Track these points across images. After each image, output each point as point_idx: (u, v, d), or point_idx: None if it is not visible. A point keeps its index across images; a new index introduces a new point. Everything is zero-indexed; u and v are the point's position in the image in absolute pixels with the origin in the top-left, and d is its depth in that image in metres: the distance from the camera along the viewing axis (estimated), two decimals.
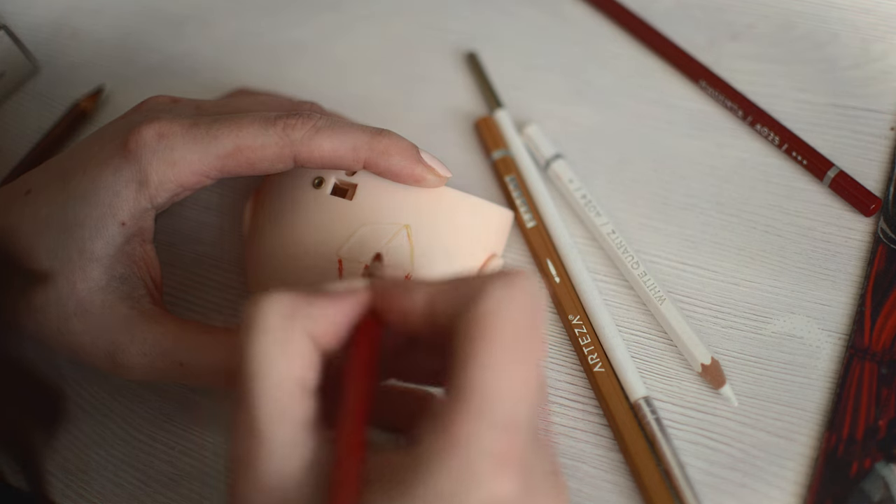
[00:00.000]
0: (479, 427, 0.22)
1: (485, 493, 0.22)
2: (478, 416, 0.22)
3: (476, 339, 0.23)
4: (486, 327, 0.23)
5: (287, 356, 0.24)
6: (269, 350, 0.23)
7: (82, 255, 0.30)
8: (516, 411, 0.23)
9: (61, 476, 0.35)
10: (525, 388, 0.23)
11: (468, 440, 0.22)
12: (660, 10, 0.45)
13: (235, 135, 0.31)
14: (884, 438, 0.32)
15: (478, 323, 0.23)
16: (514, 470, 0.22)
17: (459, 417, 0.22)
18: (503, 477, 0.22)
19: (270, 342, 0.23)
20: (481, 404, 0.22)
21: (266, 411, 0.23)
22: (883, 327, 0.34)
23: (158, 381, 0.32)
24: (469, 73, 0.44)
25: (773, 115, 0.40)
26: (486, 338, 0.23)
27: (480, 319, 0.23)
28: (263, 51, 0.47)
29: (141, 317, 0.31)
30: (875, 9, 0.44)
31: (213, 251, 0.40)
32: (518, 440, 0.23)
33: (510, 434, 0.22)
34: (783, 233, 0.37)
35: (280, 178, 0.35)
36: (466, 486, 0.22)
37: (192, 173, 0.31)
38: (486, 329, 0.23)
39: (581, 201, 0.39)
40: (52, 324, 0.31)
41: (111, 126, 0.33)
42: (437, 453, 0.22)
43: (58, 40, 0.48)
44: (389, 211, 0.33)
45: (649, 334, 0.36)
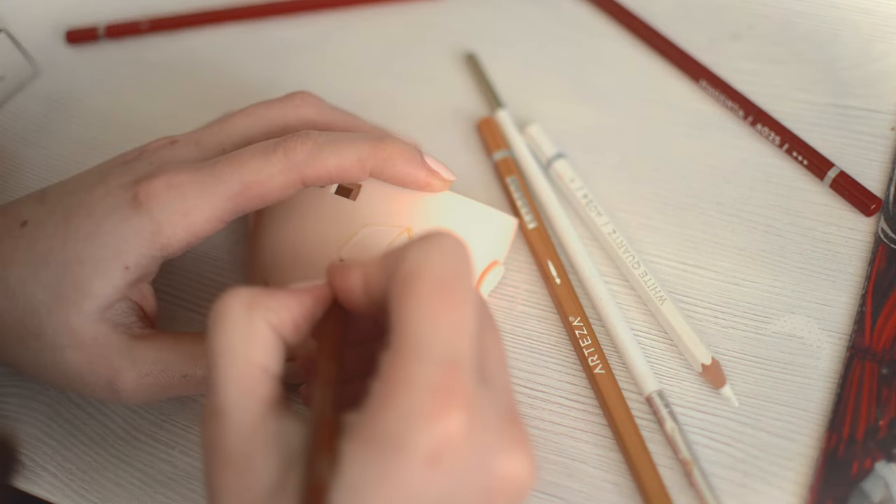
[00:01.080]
0: (416, 367, 0.23)
1: (432, 430, 0.23)
2: (413, 357, 0.23)
3: (402, 298, 0.24)
4: (410, 283, 0.24)
5: (248, 342, 0.25)
6: (231, 337, 0.25)
7: (77, 290, 0.30)
8: (452, 349, 0.24)
9: (61, 476, 0.35)
10: (458, 329, 0.24)
11: (408, 380, 0.23)
12: (660, 10, 0.45)
13: (239, 172, 0.30)
14: (884, 438, 0.32)
15: (402, 283, 0.25)
16: (459, 406, 0.23)
17: (397, 363, 0.24)
18: (448, 412, 0.23)
19: (232, 329, 0.25)
20: (415, 347, 0.24)
21: (230, 393, 0.25)
22: (883, 327, 0.34)
23: (161, 398, 0.32)
24: (469, 74, 0.45)
25: (774, 115, 0.40)
26: (411, 292, 0.24)
27: (404, 279, 0.25)
28: (263, 51, 0.47)
29: (136, 340, 0.31)
30: (875, 9, 0.44)
31: (214, 251, 0.40)
32: (459, 376, 0.23)
33: (449, 370, 0.23)
34: (783, 233, 0.38)
35: None
36: (412, 423, 0.23)
37: (206, 220, 0.31)
38: (410, 285, 0.24)
39: (582, 201, 0.39)
40: (47, 357, 0.31)
41: (115, 171, 0.32)
42: (382, 399, 0.23)
43: (58, 42, 0.48)
44: (392, 213, 0.33)
45: (650, 334, 0.36)
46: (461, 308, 0.24)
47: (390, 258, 0.26)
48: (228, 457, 0.24)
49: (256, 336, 0.25)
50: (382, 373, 0.24)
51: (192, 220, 0.30)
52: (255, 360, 0.25)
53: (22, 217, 0.32)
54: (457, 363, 0.24)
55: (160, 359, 0.31)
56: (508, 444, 0.25)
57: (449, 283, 0.24)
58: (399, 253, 0.25)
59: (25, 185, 0.43)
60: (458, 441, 0.23)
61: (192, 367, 0.32)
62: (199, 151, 0.33)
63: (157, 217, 0.30)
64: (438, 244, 0.25)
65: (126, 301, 0.32)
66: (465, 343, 0.24)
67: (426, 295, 0.24)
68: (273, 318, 0.26)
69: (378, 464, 0.23)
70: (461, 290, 0.25)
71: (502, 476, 0.24)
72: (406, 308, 0.24)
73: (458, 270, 0.25)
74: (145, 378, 0.31)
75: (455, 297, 0.24)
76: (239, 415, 0.25)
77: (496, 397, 0.25)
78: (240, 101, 0.37)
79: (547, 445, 0.34)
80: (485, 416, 0.24)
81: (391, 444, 0.23)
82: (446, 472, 0.23)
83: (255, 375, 0.25)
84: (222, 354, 0.25)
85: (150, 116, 0.45)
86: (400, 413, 0.23)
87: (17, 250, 0.31)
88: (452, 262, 0.25)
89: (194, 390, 0.32)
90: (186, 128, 0.36)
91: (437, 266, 0.25)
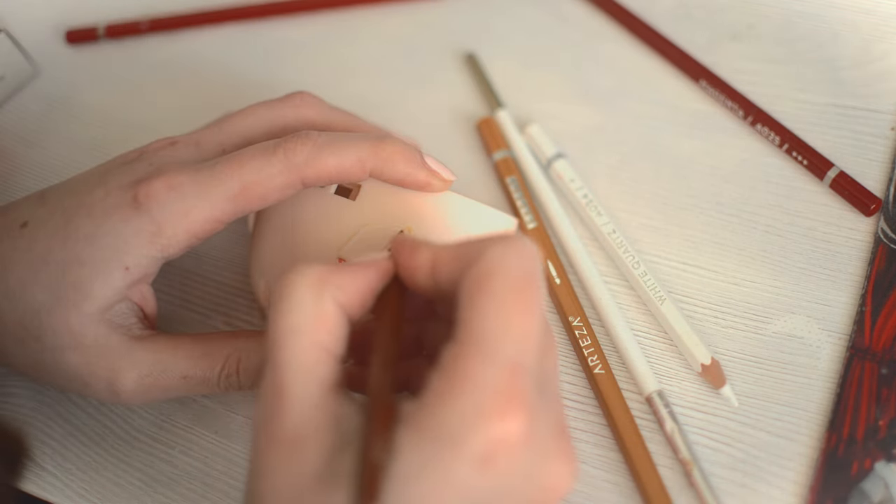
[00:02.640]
0: (483, 366, 0.23)
1: (491, 430, 0.22)
2: (481, 356, 0.23)
3: (476, 294, 0.24)
4: (485, 282, 0.24)
5: (315, 322, 0.25)
6: (298, 316, 0.25)
7: (77, 291, 0.30)
8: (519, 354, 0.23)
9: (61, 476, 0.35)
10: (527, 335, 0.24)
11: (473, 378, 0.23)
12: (660, 10, 0.45)
13: (239, 173, 0.30)
14: (884, 438, 0.32)
15: (478, 280, 0.24)
16: (519, 409, 0.23)
17: (463, 359, 0.23)
18: (508, 414, 0.23)
19: (300, 309, 0.25)
20: (484, 346, 0.23)
21: (292, 372, 0.24)
22: (883, 327, 0.34)
23: (161, 399, 0.32)
24: (469, 74, 0.45)
25: (774, 115, 0.40)
26: (485, 292, 0.24)
27: (480, 277, 0.24)
28: (263, 51, 0.47)
29: (135, 341, 0.31)
30: (875, 9, 0.44)
31: (214, 251, 0.40)
32: (523, 381, 0.23)
33: (514, 374, 0.23)
34: (783, 233, 0.38)
35: None
36: (472, 421, 0.22)
37: (206, 221, 0.31)
38: (485, 284, 0.24)
39: (582, 201, 0.39)
40: (47, 358, 0.31)
41: (115, 172, 0.32)
42: (443, 393, 0.23)
43: (58, 42, 0.48)
44: (392, 213, 0.33)
45: (649, 334, 0.36)
46: (533, 313, 0.24)
47: (467, 250, 0.25)
48: (282, 436, 0.24)
49: (325, 316, 0.25)
50: (445, 365, 0.24)
51: (192, 220, 0.30)
52: (321, 341, 0.25)
53: (22, 218, 0.32)
54: (522, 367, 0.23)
55: (160, 360, 0.31)
56: (558, 453, 0.25)
57: (524, 286, 0.24)
58: (478, 247, 0.25)
59: (25, 185, 0.43)
60: (513, 444, 0.23)
61: (192, 368, 0.32)
62: (199, 152, 0.33)
63: (157, 218, 0.30)
64: (518, 246, 0.25)
65: (126, 302, 0.32)
66: (532, 349, 0.24)
67: (501, 295, 0.24)
68: (341, 296, 0.26)
69: (432, 456, 0.22)
70: (534, 296, 0.25)
71: (548, 485, 0.24)
72: (479, 304, 0.24)
73: (533, 275, 0.25)
74: (145, 379, 0.31)
75: (528, 301, 0.24)
76: (300, 395, 0.24)
77: (550, 406, 0.25)
78: (240, 101, 0.37)
79: None
80: (540, 424, 0.24)
81: (448, 439, 0.22)
82: (497, 473, 0.23)
83: (320, 357, 0.25)
84: (288, 334, 0.25)
85: (150, 116, 0.45)
86: (460, 409, 0.23)
87: (17, 251, 0.31)
88: (529, 265, 0.25)
89: (194, 391, 0.32)
90: (186, 128, 0.36)
91: (515, 267, 0.24)
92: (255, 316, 0.38)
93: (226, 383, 0.32)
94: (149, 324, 0.33)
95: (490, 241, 0.25)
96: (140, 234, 0.30)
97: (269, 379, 0.25)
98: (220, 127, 0.34)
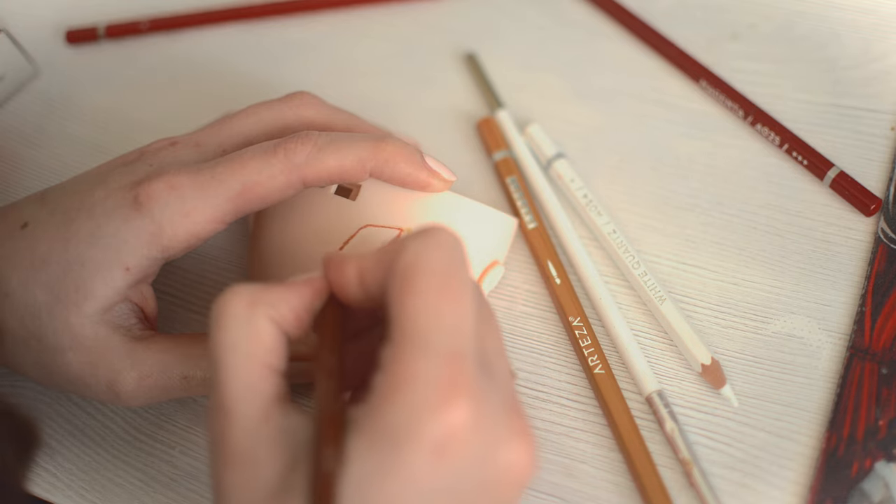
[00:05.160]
0: (420, 361, 0.23)
1: (438, 422, 0.23)
2: (417, 351, 0.24)
3: (403, 292, 0.24)
4: (409, 279, 0.24)
5: (250, 339, 0.25)
6: (233, 334, 0.25)
7: (78, 292, 0.30)
8: (455, 342, 0.24)
9: (62, 476, 0.35)
10: (459, 322, 0.24)
11: (412, 373, 0.23)
12: (660, 10, 0.45)
13: (240, 174, 0.30)
14: (884, 438, 0.32)
15: (401, 278, 0.25)
16: (464, 398, 0.23)
17: (400, 357, 0.24)
18: (453, 404, 0.23)
19: (235, 327, 0.25)
20: (418, 340, 0.24)
21: (234, 389, 0.25)
22: (883, 327, 0.34)
23: (162, 400, 0.32)
24: (469, 74, 0.45)
25: (774, 115, 0.40)
26: (410, 288, 0.24)
27: (403, 275, 0.25)
28: (263, 51, 0.47)
29: (136, 342, 0.31)
30: (876, 9, 0.44)
31: (214, 251, 0.40)
32: (463, 369, 0.23)
33: (453, 363, 0.23)
34: (784, 233, 0.38)
35: None
36: (418, 416, 0.23)
37: (207, 221, 0.31)
38: (409, 281, 0.24)
39: (583, 201, 0.39)
40: (47, 358, 0.31)
41: (115, 172, 0.32)
42: (386, 393, 0.23)
43: (58, 42, 0.48)
44: (392, 213, 0.33)
45: (649, 334, 0.36)
46: (461, 300, 0.25)
47: (386, 253, 0.26)
48: (233, 454, 0.24)
49: (259, 333, 0.25)
50: (385, 366, 0.24)
51: (192, 221, 0.30)
52: (259, 356, 0.25)
53: (23, 219, 0.32)
54: (460, 355, 0.24)
55: (160, 360, 0.31)
56: (511, 433, 0.25)
57: (448, 276, 0.25)
58: (396, 247, 0.26)
59: (25, 186, 0.43)
60: (463, 432, 0.23)
61: (192, 368, 0.32)
62: (200, 152, 0.33)
63: (157, 218, 0.30)
64: (435, 238, 0.25)
65: (126, 303, 0.32)
66: (467, 335, 0.24)
67: (426, 288, 0.24)
68: (274, 313, 0.26)
69: (384, 457, 0.23)
70: (460, 283, 0.25)
71: (506, 465, 0.24)
72: (406, 302, 0.24)
73: (455, 263, 0.25)
74: (146, 380, 0.31)
75: (454, 289, 0.25)
76: (243, 412, 0.25)
77: (498, 387, 0.25)
78: (240, 101, 0.37)
79: (547, 445, 0.34)
80: (488, 407, 0.24)
81: (397, 437, 0.23)
82: (452, 463, 0.23)
83: (259, 372, 0.25)
84: (225, 352, 0.25)
85: (150, 117, 0.45)
86: (405, 406, 0.23)
87: (17, 252, 0.31)
88: (449, 255, 0.25)
89: (195, 392, 0.32)
90: (186, 128, 0.36)
91: (436, 260, 0.25)
92: None
93: None
94: (149, 324, 0.33)
95: (407, 239, 0.26)
96: (140, 234, 0.30)
97: (214, 398, 0.25)
98: (221, 127, 0.34)
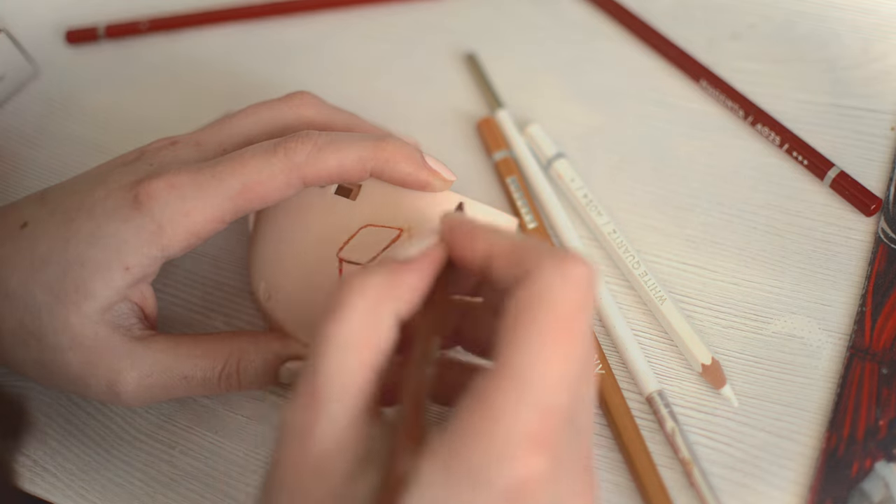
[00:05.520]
0: (515, 406, 0.22)
1: (514, 472, 0.22)
2: (515, 395, 0.22)
3: (522, 321, 0.23)
4: (533, 310, 0.23)
5: (369, 340, 0.24)
6: (351, 330, 0.24)
7: (79, 291, 0.30)
8: (554, 396, 0.23)
9: (62, 476, 0.35)
10: (566, 374, 0.23)
11: (503, 417, 0.22)
12: (660, 10, 0.45)
13: (240, 173, 0.30)
14: (884, 438, 0.32)
15: (526, 304, 0.23)
16: (545, 452, 0.22)
17: (497, 395, 0.23)
18: (533, 457, 0.22)
19: (354, 322, 0.24)
20: (520, 384, 0.23)
21: (333, 388, 0.24)
22: (883, 327, 0.34)
23: (162, 400, 0.32)
24: (469, 74, 0.45)
25: (774, 115, 0.40)
26: (532, 321, 0.23)
27: (529, 301, 0.23)
28: (263, 51, 0.47)
29: (136, 342, 0.31)
30: (876, 9, 0.44)
31: (214, 251, 0.40)
32: (553, 424, 0.23)
33: (546, 417, 0.23)
34: (784, 233, 0.38)
35: None
36: (496, 461, 0.22)
37: (207, 220, 0.31)
38: (533, 312, 0.23)
39: (583, 201, 0.39)
40: (48, 358, 0.31)
41: (115, 172, 0.32)
42: (471, 427, 0.22)
43: (58, 42, 0.48)
44: (392, 213, 0.33)
45: (650, 334, 0.36)
46: (574, 352, 0.23)
47: (524, 256, 0.24)
48: (311, 453, 0.24)
49: (380, 334, 0.24)
50: (477, 395, 0.23)
51: (192, 220, 0.30)
52: (370, 360, 0.24)
53: (23, 218, 0.32)
54: (555, 412, 0.23)
55: (161, 360, 0.31)
56: (583, 488, 0.24)
57: (572, 321, 0.23)
58: (534, 259, 0.24)
59: (25, 186, 0.43)
60: (539, 485, 0.22)
61: (192, 368, 0.32)
62: (200, 152, 0.33)
63: (157, 218, 0.30)
64: (573, 272, 0.24)
65: (126, 302, 0.32)
66: (568, 389, 0.23)
67: (544, 331, 0.23)
68: (402, 307, 0.25)
69: (458, 492, 0.22)
70: (580, 332, 0.24)
71: None
72: (520, 336, 0.23)
73: (583, 307, 0.24)
74: (146, 380, 0.31)
75: (573, 338, 0.23)
76: (336, 413, 0.24)
77: (580, 443, 0.24)
78: (240, 101, 0.37)
79: None
80: (568, 463, 0.23)
81: (473, 477, 0.22)
82: None
83: (366, 376, 0.24)
84: (335, 347, 0.24)
85: (150, 116, 0.45)
86: (489, 448, 0.22)
87: (17, 252, 0.31)
88: (580, 295, 0.24)
89: (195, 392, 0.32)
90: (186, 128, 0.36)
91: (566, 300, 0.23)
92: (255, 316, 0.38)
93: (226, 383, 0.32)
94: (149, 324, 0.33)
95: (544, 260, 0.24)
96: (141, 233, 0.30)
97: (307, 386, 0.24)
98: (221, 127, 0.34)
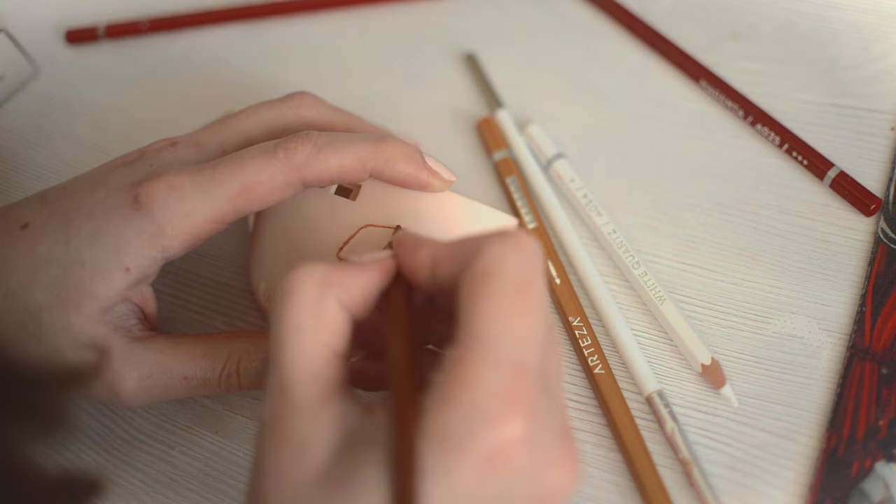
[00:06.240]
0: (484, 368, 0.23)
1: (493, 433, 0.22)
2: (483, 358, 0.23)
3: (477, 294, 0.24)
4: (484, 283, 0.24)
5: (318, 322, 0.25)
6: (301, 314, 0.25)
7: (79, 292, 0.30)
8: (521, 355, 0.23)
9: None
10: (528, 334, 0.24)
11: (475, 380, 0.23)
12: (660, 10, 0.45)
13: (240, 174, 0.30)
14: (884, 438, 0.32)
15: (478, 278, 0.24)
16: (521, 412, 0.23)
17: (465, 361, 0.23)
18: (510, 417, 0.23)
19: (303, 307, 0.25)
20: (485, 348, 0.23)
21: (296, 372, 0.24)
22: (883, 327, 0.34)
23: (162, 400, 0.32)
24: (469, 74, 0.45)
25: (774, 115, 0.40)
26: (485, 291, 0.24)
27: (480, 275, 0.24)
28: (263, 51, 0.47)
29: (136, 342, 0.31)
30: (876, 9, 0.44)
31: (214, 251, 0.40)
32: (525, 382, 0.23)
33: (516, 375, 0.23)
34: (783, 233, 0.38)
35: None
36: (475, 424, 0.22)
37: (207, 221, 0.31)
38: (484, 285, 0.24)
39: (582, 201, 0.39)
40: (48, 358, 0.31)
41: (115, 173, 0.32)
42: (446, 397, 0.23)
43: (58, 42, 0.48)
44: (392, 213, 0.33)
45: (650, 334, 0.36)
46: (534, 312, 0.24)
47: (465, 248, 0.25)
48: (287, 437, 0.24)
49: (328, 316, 0.25)
50: (448, 368, 0.23)
51: (192, 221, 0.30)
52: (325, 340, 0.25)
53: (23, 219, 0.32)
54: (525, 369, 0.23)
55: (160, 361, 0.31)
56: (561, 455, 0.25)
57: (525, 285, 0.24)
58: (475, 245, 0.25)
59: (25, 186, 0.43)
60: (516, 446, 0.23)
61: (192, 368, 0.32)
62: (200, 153, 0.33)
63: (157, 218, 0.30)
64: (517, 242, 0.25)
65: (126, 303, 0.32)
66: (534, 348, 0.24)
67: (501, 295, 0.24)
68: (345, 295, 0.26)
69: (435, 460, 0.22)
70: (536, 294, 0.24)
71: (551, 486, 0.24)
72: (479, 306, 0.24)
73: (534, 272, 0.25)
74: (146, 380, 0.31)
75: (530, 300, 0.24)
76: (303, 395, 0.24)
77: (554, 407, 0.25)
78: (240, 101, 0.37)
79: None
80: (543, 425, 0.24)
81: (451, 443, 0.22)
82: (500, 476, 0.23)
83: (324, 356, 0.25)
84: (290, 332, 0.25)
85: (150, 117, 0.45)
86: (464, 413, 0.23)
87: (17, 252, 0.31)
88: (530, 262, 0.24)
89: (195, 392, 0.32)
90: (186, 128, 0.36)
91: (515, 266, 0.24)
92: (255, 316, 0.38)
93: (226, 384, 0.32)
94: (149, 325, 0.33)
95: (488, 239, 0.25)
96: (140, 234, 0.30)
97: (274, 378, 0.25)
98: (221, 127, 0.34)
